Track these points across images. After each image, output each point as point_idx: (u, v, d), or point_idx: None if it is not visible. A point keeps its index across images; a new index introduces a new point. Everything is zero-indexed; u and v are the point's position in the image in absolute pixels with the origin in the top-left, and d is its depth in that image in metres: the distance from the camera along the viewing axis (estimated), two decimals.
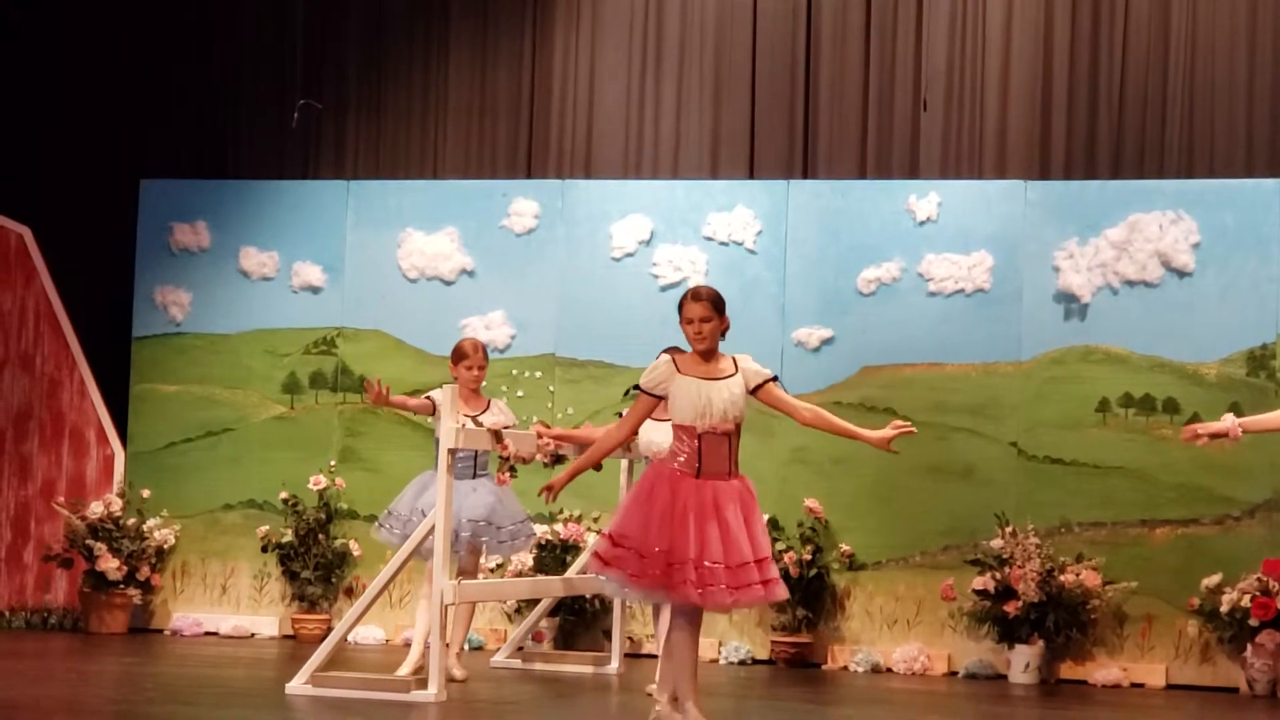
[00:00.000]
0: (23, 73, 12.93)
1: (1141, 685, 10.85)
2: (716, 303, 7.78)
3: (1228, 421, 7.66)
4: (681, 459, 7.62)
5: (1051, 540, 10.99)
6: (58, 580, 12.20)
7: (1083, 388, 11.18)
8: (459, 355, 9.81)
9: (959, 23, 11.91)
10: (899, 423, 7.82)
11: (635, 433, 8.09)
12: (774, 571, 7.59)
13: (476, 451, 9.59)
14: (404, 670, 9.46)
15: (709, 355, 7.74)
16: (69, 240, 12.53)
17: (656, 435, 9.21)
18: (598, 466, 9.28)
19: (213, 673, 10.12)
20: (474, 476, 9.67)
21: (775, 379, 7.78)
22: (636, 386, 7.80)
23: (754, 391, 7.73)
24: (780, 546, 11.22)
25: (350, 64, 12.80)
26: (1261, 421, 7.74)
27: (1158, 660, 10.93)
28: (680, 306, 7.80)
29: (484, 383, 9.96)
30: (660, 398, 7.71)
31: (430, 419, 9.79)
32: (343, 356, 12.20)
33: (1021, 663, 10.87)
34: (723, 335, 7.82)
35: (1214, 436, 7.71)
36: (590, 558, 7.84)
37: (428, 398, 9.65)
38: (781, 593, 7.65)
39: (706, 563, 7.42)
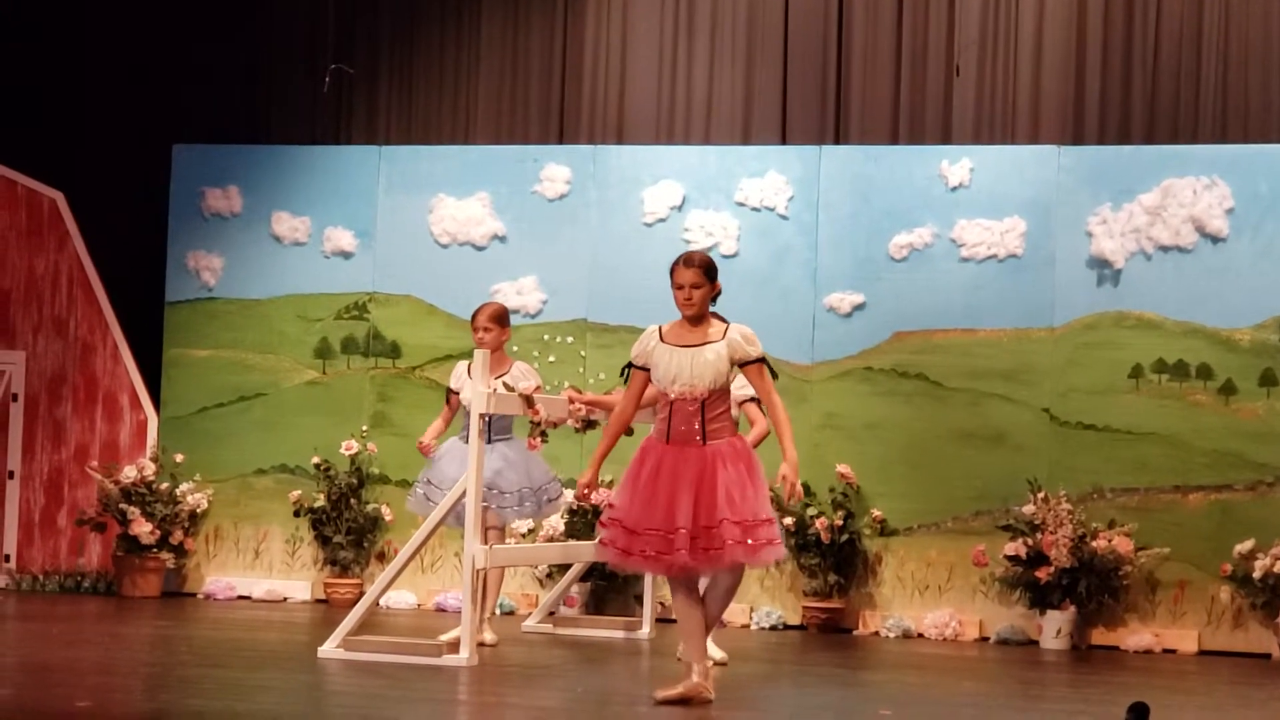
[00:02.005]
0: (54, 38, 12.92)
1: (1174, 651, 10.81)
2: (708, 269, 7.77)
3: None
4: (657, 426, 7.77)
5: (1084, 506, 10.96)
6: (91, 544, 12.22)
7: (1116, 353, 11.13)
8: (471, 319, 9.81)
9: None
10: (797, 490, 7.74)
11: (637, 405, 8.00)
12: (729, 536, 7.55)
13: (491, 416, 9.46)
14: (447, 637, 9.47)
15: (697, 321, 7.76)
16: (102, 205, 12.52)
17: None
18: (629, 431, 9.29)
19: (245, 636, 10.14)
20: (489, 441, 9.59)
21: (763, 361, 7.75)
22: (629, 364, 7.87)
23: (741, 367, 7.73)
24: (812, 512, 11.22)
25: (383, 29, 12.76)
26: None
27: (1190, 626, 10.89)
28: (671, 271, 7.79)
29: (513, 346, 9.94)
30: (646, 369, 7.78)
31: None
32: (374, 322, 12.18)
33: (1053, 629, 10.84)
34: (713, 300, 7.80)
35: None
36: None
37: (449, 395, 9.74)
38: (709, 564, 7.64)
39: (658, 528, 7.57)
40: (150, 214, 12.52)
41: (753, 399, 9.39)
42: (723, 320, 7.85)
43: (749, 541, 7.56)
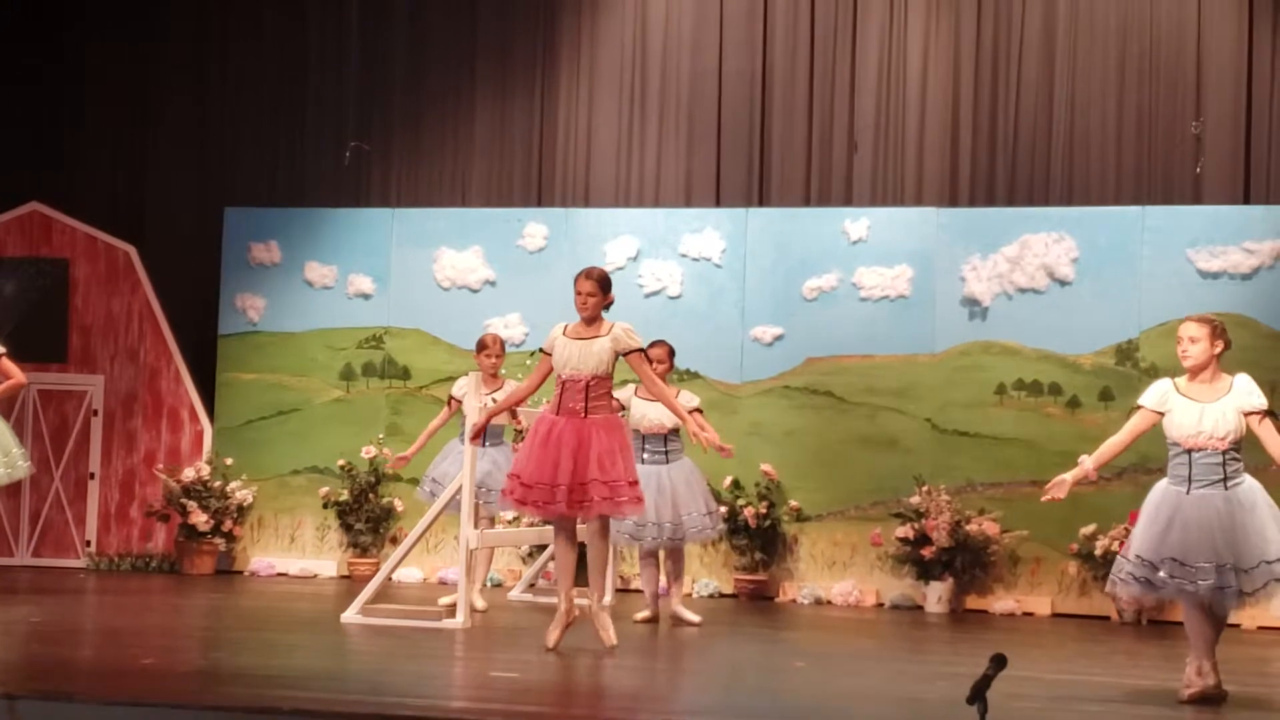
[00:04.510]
0: (129, 125, 12.90)
1: (1031, 614, 10.82)
2: (602, 282, 7.91)
3: (1085, 465, 7.26)
4: (552, 401, 7.90)
5: (959, 497, 10.96)
6: (157, 532, 12.15)
7: (984, 374, 11.14)
8: (480, 346, 9.85)
9: (883, 82, 11.89)
10: (721, 446, 8.10)
11: (539, 384, 8.10)
12: (596, 493, 7.67)
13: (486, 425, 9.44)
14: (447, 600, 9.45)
15: (591, 322, 7.85)
16: (167, 256, 12.48)
17: (650, 410, 9.26)
18: (513, 415, 9.29)
19: (283, 606, 10.11)
20: (484, 445, 9.57)
21: (642, 351, 7.84)
22: (540, 349, 7.98)
23: (625, 355, 7.79)
24: (741, 502, 11.20)
25: (394, 114, 12.74)
26: (1106, 450, 7.31)
27: (1044, 594, 10.91)
28: (575, 281, 7.87)
29: (502, 369, 9.97)
30: (549, 354, 7.89)
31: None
32: (389, 350, 12.15)
33: (935, 596, 10.84)
34: (606, 308, 7.88)
35: (1076, 484, 7.22)
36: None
37: (450, 398, 9.72)
38: (580, 512, 7.76)
39: (545, 482, 7.69)
40: (206, 263, 12.46)
41: (697, 409, 9.41)
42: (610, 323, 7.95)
43: (613, 498, 7.70)
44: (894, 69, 11.87)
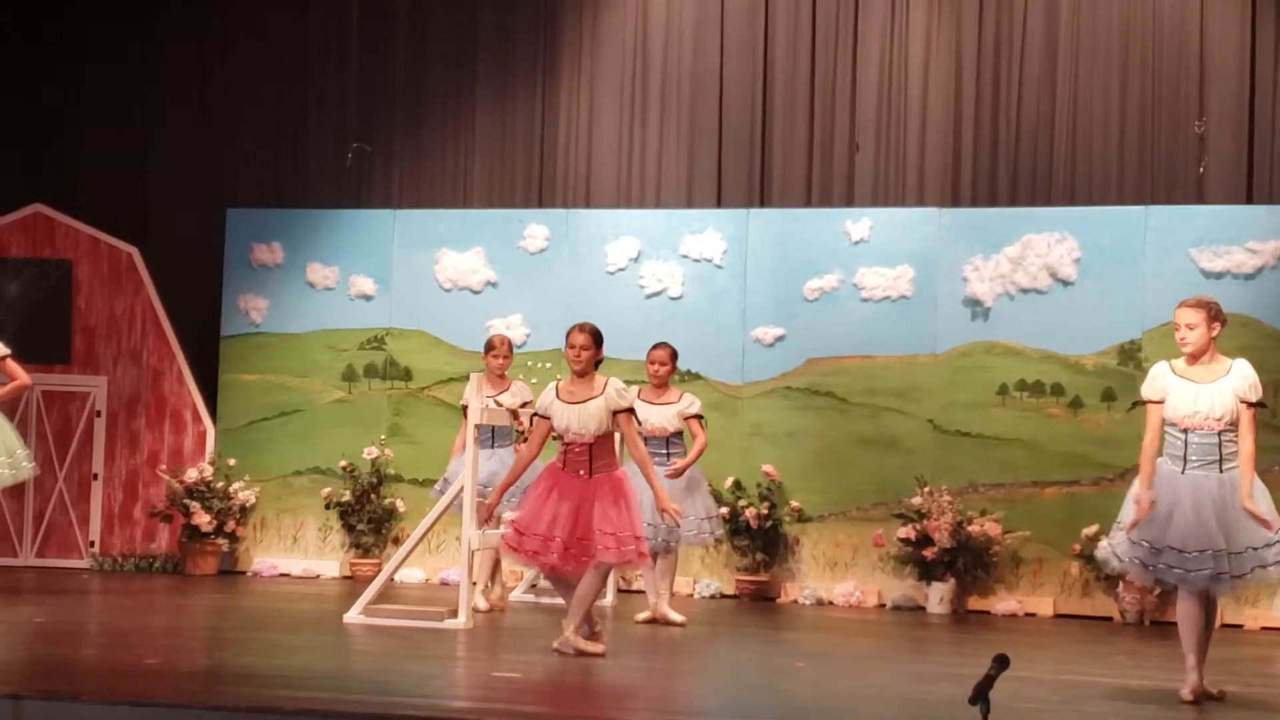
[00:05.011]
0: (131, 126, 12.93)
1: (1033, 615, 10.84)
2: (596, 336, 7.87)
3: (1144, 501, 7.03)
4: (559, 456, 7.87)
5: (961, 498, 10.98)
6: (161, 532, 12.18)
7: (986, 375, 11.17)
8: (488, 347, 9.91)
9: (885, 82, 11.91)
10: (676, 509, 7.95)
11: (539, 449, 8.10)
12: (600, 543, 7.66)
13: (493, 427, 9.58)
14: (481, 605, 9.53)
15: (584, 375, 7.82)
16: (170, 258, 12.51)
17: (652, 414, 9.35)
18: (514, 416, 9.35)
19: (285, 606, 10.13)
20: (492, 446, 9.64)
21: (629, 411, 7.81)
22: (535, 413, 7.95)
23: (614, 414, 7.77)
24: (742, 503, 11.23)
25: (395, 115, 12.77)
26: (1145, 460, 7.12)
27: (1047, 594, 10.93)
28: (568, 334, 7.85)
29: (508, 370, 10.01)
30: (547, 418, 7.86)
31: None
32: (391, 351, 12.17)
33: (937, 597, 10.87)
34: (597, 365, 7.86)
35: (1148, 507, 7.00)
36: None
37: (464, 407, 9.80)
38: (575, 568, 7.76)
39: (541, 534, 7.71)
40: (208, 265, 12.50)
41: (696, 416, 9.54)
42: (604, 377, 7.92)
43: (619, 548, 7.68)
44: (895, 69, 11.89)
